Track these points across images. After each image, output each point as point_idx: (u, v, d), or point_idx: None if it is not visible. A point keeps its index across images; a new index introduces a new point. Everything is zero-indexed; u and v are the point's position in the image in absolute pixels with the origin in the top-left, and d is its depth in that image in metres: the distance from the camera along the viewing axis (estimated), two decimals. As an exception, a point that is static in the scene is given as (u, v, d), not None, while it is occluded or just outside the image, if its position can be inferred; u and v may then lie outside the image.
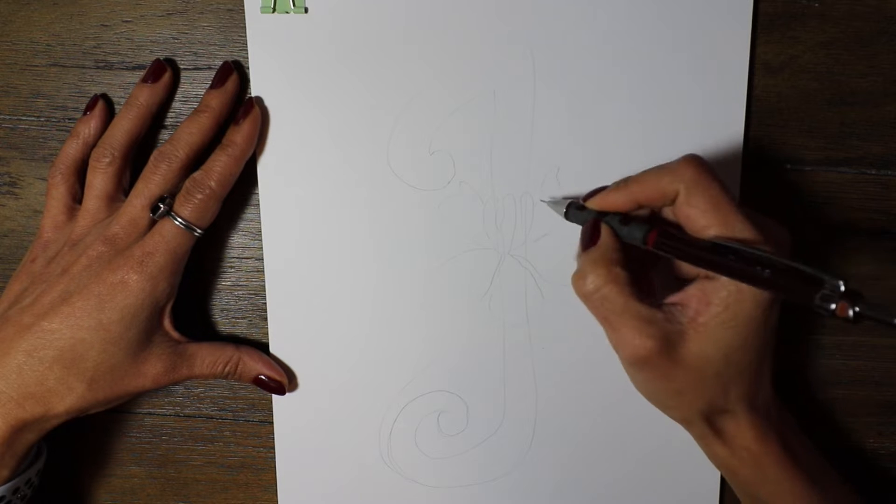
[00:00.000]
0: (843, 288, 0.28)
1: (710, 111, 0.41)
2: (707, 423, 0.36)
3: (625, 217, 0.35)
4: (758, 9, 0.40)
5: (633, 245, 0.35)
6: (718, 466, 0.38)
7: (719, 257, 0.31)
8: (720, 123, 0.41)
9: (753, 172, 0.42)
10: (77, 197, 0.41)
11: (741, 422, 0.35)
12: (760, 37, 0.40)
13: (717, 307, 0.33)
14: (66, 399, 0.37)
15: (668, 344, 0.33)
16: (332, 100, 0.41)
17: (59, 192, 0.40)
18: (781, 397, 0.43)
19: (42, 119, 0.43)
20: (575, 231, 0.42)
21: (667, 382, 0.34)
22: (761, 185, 0.42)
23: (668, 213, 0.36)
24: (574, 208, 0.38)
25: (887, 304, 0.27)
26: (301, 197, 0.42)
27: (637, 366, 0.34)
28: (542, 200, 0.41)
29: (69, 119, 0.43)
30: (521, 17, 0.40)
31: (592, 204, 0.36)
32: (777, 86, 0.41)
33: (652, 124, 0.41)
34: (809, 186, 0.42)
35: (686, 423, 0.36)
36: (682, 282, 0.36)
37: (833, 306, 0.28)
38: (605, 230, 0.35)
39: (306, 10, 0.40)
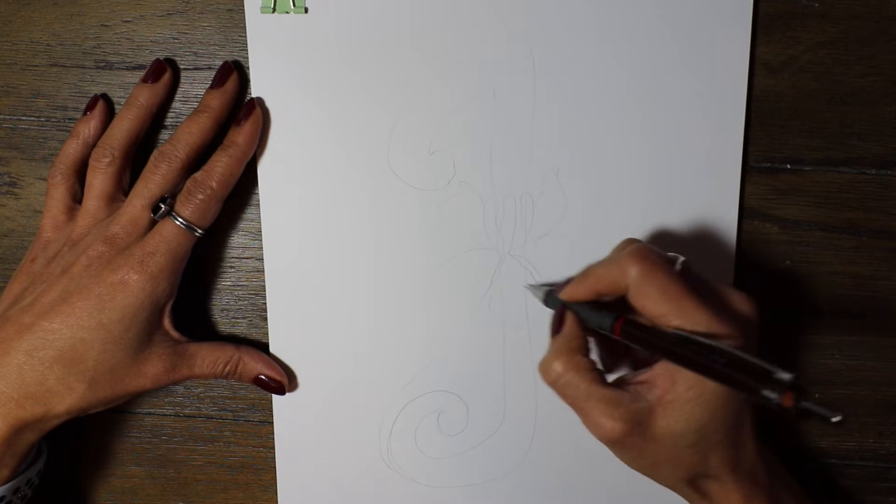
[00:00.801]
0: (788, 380, 0.29)
1: (710, 111, 0.41)
2: (693, 489, 0.36)
3: (596, 303, 0.36)
4: (758, 9, 0.40)
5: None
6: None
7: (678, 348, 0.32)
8: (720, 123, 0.41)
9: (753, 172, 0.42)
10: (77, 197, 0.41)
11: (726, 485, 0.35)
12: (760, 37, 0.40)
13: (682, 386, 0.33)
14: (67, 399, 0.37)
15: (637, 423, 0.33)
16: (332, 100, 0.41)
17: (59, 192, 0.40)
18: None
19: (42, 119, 0.43)
20: (574, 232, 0.42)
21: (643, 457, 0.35)
22: (761, 185, 0.42)
23: None
24: (551, 296, 0.39)
25: (826, 403, 0.28)
26: (301, 197, 0.42)
27: (611, 446, 0.35)
28: (525, 287, 0.42)
29: (69, 119, 0.43)
30: (520, 17, 0.40)
31: (562, 296, 0.37)
32: (777, 86, 0.41)
33: (652, 124, 0.41)
34: (809, 186, 0.42)
35: (672, 489, 0.37)
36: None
37: (777, 400, 0.29)
38: (569, 319, 0.36)
39: (306, 10, 0.40)
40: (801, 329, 0.43)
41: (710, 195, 0.41)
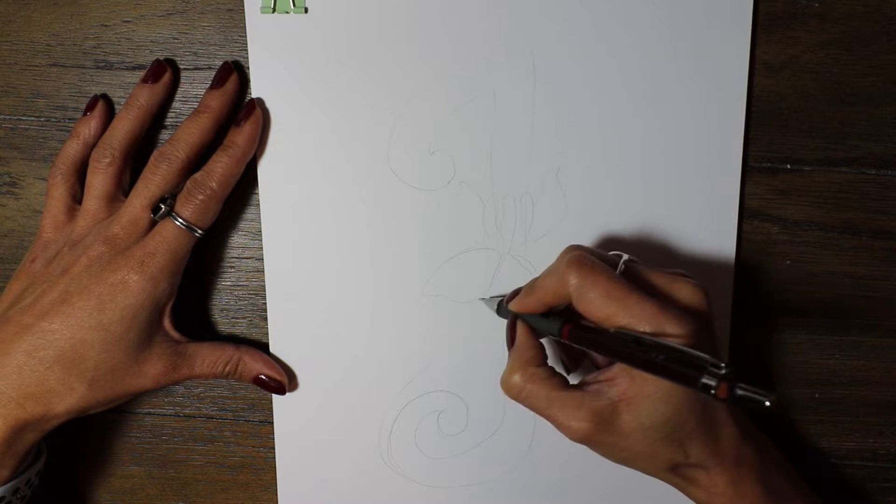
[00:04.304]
0: (723, 371, 0.29)
1: (710, 111, 0.41)
2: (679, 477, 0.36)
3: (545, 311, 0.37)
4: (758, 9, 0.40)
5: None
6: None
7: (622, 347, 0.33)
8: (720, 123, 0.41)
9: (753, 172, 0.42)
10: (77, 197, 0.41)
11: (710, 471, 0.35)
12: (760, 37, 0.40)
13: (640, 383, 0.33)
14: (67, 399, 0.37)
15: (603, 420, 0.34)
16: (332, 100, 0.41)
17: (59, 193, 0.40)
18: (781, 397, 0.43)
19: (42, 119, 0.43)
20: (574, 232, 0.42)
21: (618, 452, 0.35)
22: (761, 185, 0.42)
23: None
24: (503, 307, 0.39)
25: (760, 389, 0.29)
26: (301, 197, 0.42)
27: (585, 444, 0.35)
28: (480, 299, 0.42)
29: (69, 119, 0.42)
30: (520, 18, 0.40)
31: (511, 307, 0.38)
32: (777, 86, 0.41)
33: (652, 124, 0.41)
34: (809, 186, 0.42)
35: (658, 478, 0.37)
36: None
37: (713, 390, 0.29)
38: (520, 330, 0.37)
39: (306, 10, 0.40)
40: (801, 329, 0.43)
41: (710, 195, 0.41)
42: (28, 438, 0.38)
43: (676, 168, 0.41)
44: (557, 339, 0.36)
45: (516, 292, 0.38)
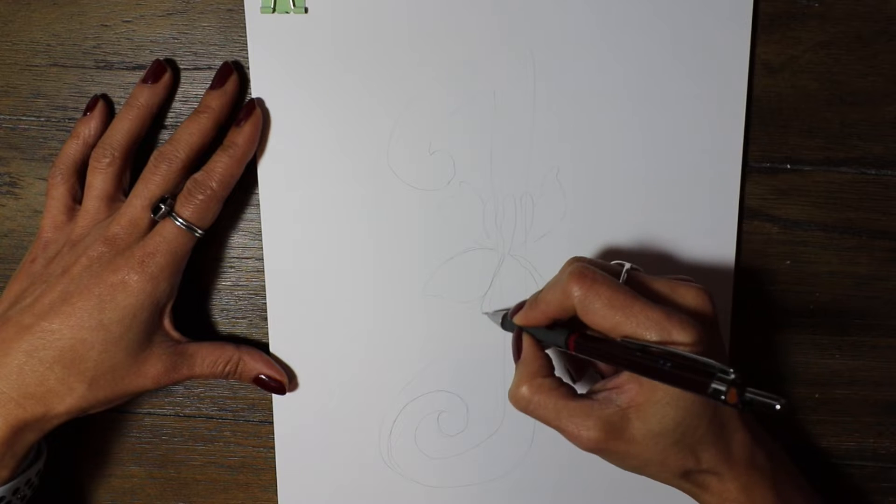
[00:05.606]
0: (731, 377, 0.29)
1: (710, 111, 0.41)
2: (691, 483, 0.36)
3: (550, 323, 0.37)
4: (758, 9, 0.40)
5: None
6: None
7: (628, 356, 0.33)
8: (720, 123, 0.41)
9: (753, 172, 0.42)
10: (77, 197, 0.41)
11: (723, 478, 0.35)
12: (760, 37, 0.40)
13: (649, 389, 0.33)
14: (67, 399, 0.37)
15: (613, 428, 0.34)
16: (332, 100, 0.41)
17: (59, 193, 0.40)
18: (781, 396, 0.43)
19: (42, 119, 0.43)
20: (574, 232, 0.42)
21: (629, 460, 0.35)
22: (761, 185, 0.42)
23: None
24: (507, 321, 0.39)
25: (769, 393, 0.29)
26: (301, 197, 0.42)
27: (596, 453, 0.35)
28: (483, 313, 0.42)
29: (69, 119, 0.42)
30: (520, 18, 0.40)
31: (516, 321, 0.38)
32: (777, 86, 0.41)
33: (652, 124, 0.41)
34: (809, 186, 0.42)
35: (670, 485, 0.37)
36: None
37: (723, 395, 0.29)
38: (526, 342, 0.37)
39: (306, 10, 0.40)
40: (801, 329, 0.43)
41: (710, 195, 0.41)
42: (28, 438, 0.38)
43: (676, 168, 0.41)
44: (564, 349, 0.36)
45: (520, 306, 0.38)
